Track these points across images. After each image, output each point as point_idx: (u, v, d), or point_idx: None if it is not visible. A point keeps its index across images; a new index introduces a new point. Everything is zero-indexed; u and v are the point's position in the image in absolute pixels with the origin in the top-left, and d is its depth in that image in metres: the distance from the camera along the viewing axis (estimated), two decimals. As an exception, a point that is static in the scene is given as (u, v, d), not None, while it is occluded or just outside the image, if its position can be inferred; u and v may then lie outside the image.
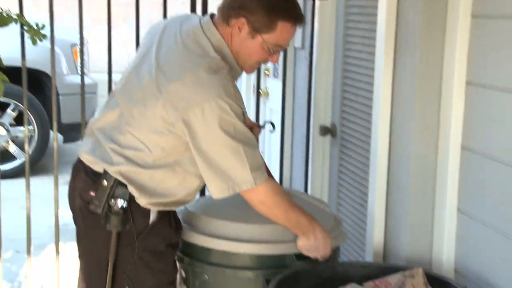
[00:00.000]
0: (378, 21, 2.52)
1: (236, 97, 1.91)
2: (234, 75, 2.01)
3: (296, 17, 1.97)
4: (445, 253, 2.28)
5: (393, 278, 1.99)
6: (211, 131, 1.88)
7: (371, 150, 2.56)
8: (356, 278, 2.02)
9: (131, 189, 1.97)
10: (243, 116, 1.93)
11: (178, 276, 2.16)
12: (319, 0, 3.11)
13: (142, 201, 1.98)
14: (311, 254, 2.07)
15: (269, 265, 2.09)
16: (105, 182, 1.98)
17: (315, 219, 2.08)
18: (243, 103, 1.94)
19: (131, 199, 1.98)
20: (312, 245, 2.05)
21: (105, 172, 1.99)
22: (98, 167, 2.01)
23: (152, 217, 2.01)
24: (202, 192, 3.11)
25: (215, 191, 1.95)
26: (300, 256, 2.08)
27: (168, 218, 2.06)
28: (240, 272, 2.09)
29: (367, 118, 2.70)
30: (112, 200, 1.96)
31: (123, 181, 1.97)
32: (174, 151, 1.98)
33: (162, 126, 1.93)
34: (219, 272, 2.10)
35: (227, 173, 1.91)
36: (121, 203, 1.96)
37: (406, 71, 2.34)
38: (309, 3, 3.19)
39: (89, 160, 2.05)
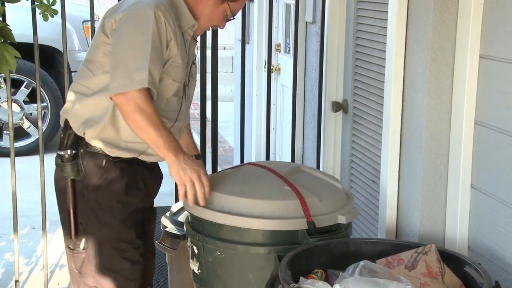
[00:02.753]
0: (390, -6, 2.48)
1: (166, 18, 2.02)
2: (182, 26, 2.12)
3: None
4: (459, 230, 2.27)
5: (406, 255, 1.99)
6: (132, 27, 2.02)
7: (383, 126, 2.54)
8: (368, 255, 2.01)
9: (73, 121, 2.12)
10: (166, 39, 2.03)
11: (137, 241, 2.20)
12: (331, -26, 3.07)
13: (79, 131, 2.12)
14: (181, 177, 2.04)
15: (280, 241, 2.09)
16: (61, 134, 2.16)
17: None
18: (172, 32, 2.04)
19: (82, 147, 2.12)
20: (181, 165, 2.04)
21: (64, 123, 2.17)
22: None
23: (104, 165, 2.11)
24: (215, 169, 3.12)
25: (115, 86, 2.02)
26: (312, 233, 2.08)
27: (121, 175, 2.13)
28: (251, 248, 2.09)
29: (379, 93, 2.67)
30: (63, 150, 2.12)
31: (64, 117, 2.14)
32: None
33: (100, 40, 2.10)
34: (231, 248, 2.11)
35: (130, 70, 1.99)
36: (70, 151, 2.11)
37: (418, 46, 2.31)
38: (321, -23, 3.15)
39: None
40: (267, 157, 3.27)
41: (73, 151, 2.12)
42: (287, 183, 2.18)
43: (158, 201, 3.58)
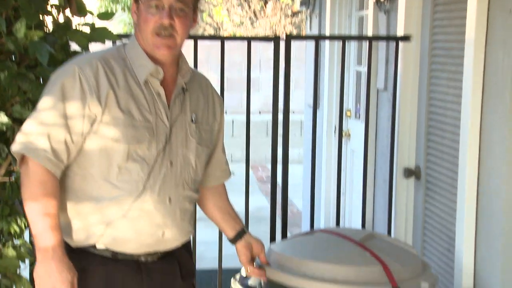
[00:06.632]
0: (465, 62, 2.49)
1: (85, 74, 1.72)
2: (140, 73, 1.79)
3: None
4: (540, 303, 2.19)
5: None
6: (46, 87, 1.78)
7: (458, 194, 2.51)
8: (445, 326, 1.96)
9: None
10: (78, 96, 1.71)
11: None
12: (403, 42, 3.11)
13: None
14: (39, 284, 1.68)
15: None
16: None
17: (60, 245, 1.68)
18: (90, 88, 1.72)
19: None
20: (37, 272, 1.67)
21: None
22: None
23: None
24: (284, 233, 3.11)
25: (14, 143, 1.74)
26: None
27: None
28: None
29: (454, 161, 2.64)
30: None
31: None
32: None
33: None
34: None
35: (26, 132, 1.73)
36: None
37: (495, 114, 2.29)
38: (393, 45, 3.20)
39: None
40: (337, 223, 3.26)
41: None
42: (366, 249, 2.16)
43: (226, 263, 3.55)
